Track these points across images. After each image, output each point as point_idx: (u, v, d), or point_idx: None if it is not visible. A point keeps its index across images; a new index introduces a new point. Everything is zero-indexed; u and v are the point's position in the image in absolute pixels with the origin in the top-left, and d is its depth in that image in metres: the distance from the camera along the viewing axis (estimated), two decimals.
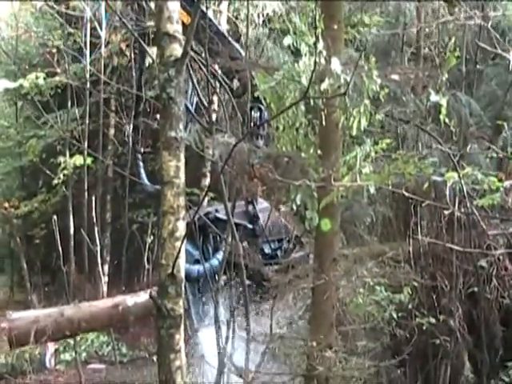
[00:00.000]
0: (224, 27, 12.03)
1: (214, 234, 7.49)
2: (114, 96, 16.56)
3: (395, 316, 7.06)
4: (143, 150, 8.18)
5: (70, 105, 15.70)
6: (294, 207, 5.75)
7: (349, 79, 4.86)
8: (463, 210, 7.01)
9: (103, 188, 16.64)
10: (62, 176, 14.13)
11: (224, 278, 6.68)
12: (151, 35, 8.33)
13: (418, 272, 8.19)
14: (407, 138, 9.14)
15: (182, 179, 4.27)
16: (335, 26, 5.79)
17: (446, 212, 7.34)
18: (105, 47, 14.95)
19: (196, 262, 7.16)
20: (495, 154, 8.46)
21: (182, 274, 4.26)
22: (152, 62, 8.78)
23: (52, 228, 7.38)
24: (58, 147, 15.64)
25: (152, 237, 15.00)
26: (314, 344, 5.77)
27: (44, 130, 16.08)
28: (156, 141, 4.65)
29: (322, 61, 5.24)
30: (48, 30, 16.49)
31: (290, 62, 6.25)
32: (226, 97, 8.25)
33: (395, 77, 6.24)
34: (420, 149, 8.60)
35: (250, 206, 7.82)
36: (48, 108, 14.90)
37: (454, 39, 8.18)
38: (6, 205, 16.40)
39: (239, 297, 6.26)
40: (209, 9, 9.75)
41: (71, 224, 15.08)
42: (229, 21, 14.15)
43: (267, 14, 13.92)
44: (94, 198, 13.20)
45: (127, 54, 14.98)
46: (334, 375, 5.78)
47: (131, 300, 9.32)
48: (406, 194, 5.68)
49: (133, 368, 12.20)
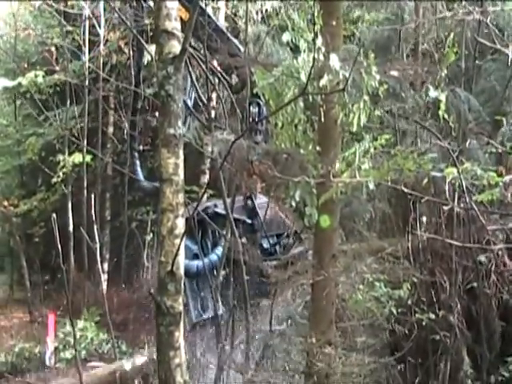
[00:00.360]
0: (222, 24, 12.00)
1: (212, 229, 7.50)
2: (112, 94, 16.55)
3: (395, 312, 7.06)
4: (142, 148, 8.19)
5: (69, 103, 15.69)
6: (293, 203, 5.75)
7: (348, 75, 4.86)
8: (462, 206, 7.00)
9: (102, 186, 16.64)
10: (61, 174, 14.16)
11: (223, 273, 6.70)
12: (150, 33, 8.34)
13: (418, 268, 8.17)
14: (406, 133, 9.13)
15: (180, 176, 4.26)
16: (334, 23, 5.80)
17: (446, 207, 7.33)
18: (103, 45, 14.95)
19: (195, 256, 7.17)
20: (494, 150, 8.44)
21: (182, 271, 4.25)
22: (151, 60, 8.77)
23: (51, 226, 7.35)
24: (57, 145, 15.62)
25: (151, 234, 14.98)
26: (314, 340, 5.78)
27: (43, 128, 16.08)
28: (155, 138, 4.65)
29: (321, 57, 5.25)
30: (47, 28, 16.45)
31: (288, 58, 6.26)
32: (224, 93, 8.24)
33: (394, 73, 6.23)
34: (419, 144, 8.58)
35: (249, 201, 7.83)
36: (47, 106, 14.90)
37: (452, 35, 8.17)
38: (6, 203, 16.39)
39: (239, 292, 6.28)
40: (208, 5, 9.74)
41: (70, 222, 15.10)
42: (227, 17, 14.15)
43: (266, 10, 13.91)
44: (93, 196, 13.13)
45: (126, 51, 14.95)
46: (334, 371, 5.79)
47: (128, 364, 9.81)
48: (406, 190, 5.68)
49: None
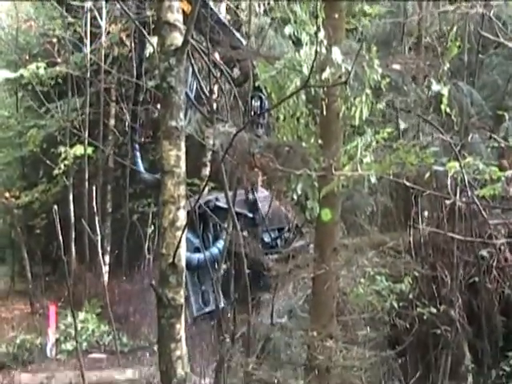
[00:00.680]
0: (224, 16, 11.96)
1: (214, 223, 7.49)
2: (114, 86, 16.52)
3: (396, 306, 7.05)
4: (144, 140, 8.17)
5: (70, 95, 15.66)
6: (295, 197, 5.74)
7: (350, 68, 4.84)
8: (464, 200, 6.98)
9: (104, 178, 16.62)
10: (62, 166, 14.14)
11: (224, 267, 6.69)
12: (152, 25, 8.32)
13: (419, 262, 8.17)
14: (408, 127, 9.11)
15: (182, 168, 4.25)
16: (336, 16, 5.78)
17: (447, 202, 7.32)
18: (105, 37, 14.91)
19: (196, 249, 7.16)
20: (496, 144, 8.43)
21: (183, 263, 4.25)
22: (153, 52, 8.75)
23: (53, 218, 7.35)
24: (59, 137, 15.59)
25: (152, 227, 14.97)
26: (315, 334, 5.78)
27: (44, 120, 16.04)
28: (157, 131, 4.64)
29: (323, 50, 5.23)
30: (48, 19, 16.40)
31: (291, 51, 6.24)
32: (226, 86, 8.22)
33: (396, 66, 6.22)
34: (421, 138, 8.56)
35: (250, 195, 7.81)
36: (48, 98, 14.87)
37: (455, 28, 8.14)
38: (7, 195, 16.39)
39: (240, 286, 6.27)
40: None
41: (72, 214, 15.10)
42: (229, 10, 14.10)
43: (268, 3, 13.85)
44: (94, 188, 13.15)
45: (127, 44, 14.91)
46: (335, 365, 5.79)
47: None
48: (407, 184, 5.67)
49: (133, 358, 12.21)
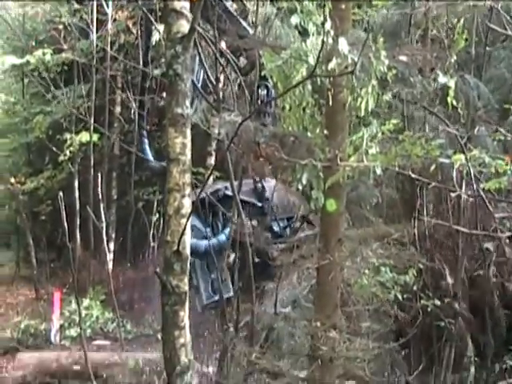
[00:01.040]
0: (230, 5, 11.93)
1: (223, 212, 7.51)
2: (120, 73, 16.51)
3: (400, 297, 7.06)
4: (150, 128, 8.16)
5: (76, 81, 15.68)
6: (300, 186, 5.75)
7: (356, 59, 4.83)
8: (470, 193, 6.97)
9: (109, 165, 16.65)
10: (68, 153, 14.15)
11: (233, 256, 6.71)
12: (158, 12, 8.29)
13: (423, 254, 8.16)
14: (414, 119, 9.08)
15: (188, 156, 4.23)
16: (343, 6, 5.76)
17: (453, 194, 7.30)
18: (111, 24, 14.88)
19: (204, 238, 7.20)
20: (503, 137, 8.41)
21: (188, 250, 4.24)
22: (159, 39, 8.73)
23: (58, 204, 7.36)
24: (65, 124, 15.60)
25: (157, 214, 14.99)
26: (318, 324, 5.79)
27: (51, 107, 16.07)
28: (162, 119, 4.63)
29: (330, 40, 5.21)
30: (55, 6, 16.37)
31: (297, 41, 6.22)
32: (233, 75, 8.20)
33: (403, 58, 6.20)
34: (427, 130, 8.54)
35: (259, 184, 7.81)
36: (55, 84, 14.87)
37: (463, 21, 8.10)
38: (13, 181, 16.44)
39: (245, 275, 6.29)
40: None
41: (77, 201, 15.14)
42: None
43: None
44: (99, 175, 13.16)
45: (134, 31, 14.89)
46: (338, 355, 5.80)
47: None
48: (413, 176, 5.66)
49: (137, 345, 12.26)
